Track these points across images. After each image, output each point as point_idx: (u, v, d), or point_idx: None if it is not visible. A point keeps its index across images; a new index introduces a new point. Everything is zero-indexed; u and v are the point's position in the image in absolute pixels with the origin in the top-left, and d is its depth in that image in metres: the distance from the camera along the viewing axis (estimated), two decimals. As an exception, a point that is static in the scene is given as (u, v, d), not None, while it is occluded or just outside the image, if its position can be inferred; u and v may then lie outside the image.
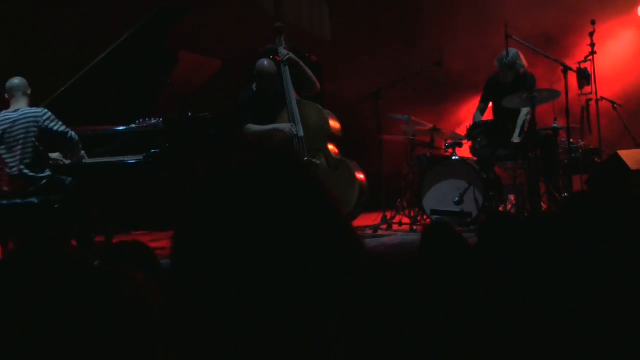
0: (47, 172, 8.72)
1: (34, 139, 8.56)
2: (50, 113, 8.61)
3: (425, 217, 10.18)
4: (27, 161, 8.58)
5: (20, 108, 8.68)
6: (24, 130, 8.57)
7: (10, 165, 8.60)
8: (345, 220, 1.61)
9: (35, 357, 2.03)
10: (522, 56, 10.34)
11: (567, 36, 12.03)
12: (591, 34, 10.72)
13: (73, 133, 8.72)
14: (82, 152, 8.90)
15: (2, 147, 8.61)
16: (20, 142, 8.57)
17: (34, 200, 8.57)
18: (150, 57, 9.64)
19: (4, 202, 8.60)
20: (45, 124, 8.56)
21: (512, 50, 10.29)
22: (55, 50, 11.83)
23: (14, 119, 8.61)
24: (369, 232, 10.10)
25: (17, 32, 12.37)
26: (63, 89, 9.46)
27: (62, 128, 8.64)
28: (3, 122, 8.61)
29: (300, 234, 1.52)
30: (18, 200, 8.59)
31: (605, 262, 2.40)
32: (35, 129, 8.55)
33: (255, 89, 10.14)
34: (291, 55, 10.18)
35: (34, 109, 8.68)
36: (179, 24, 9.93)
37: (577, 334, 2.12)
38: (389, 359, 1.96)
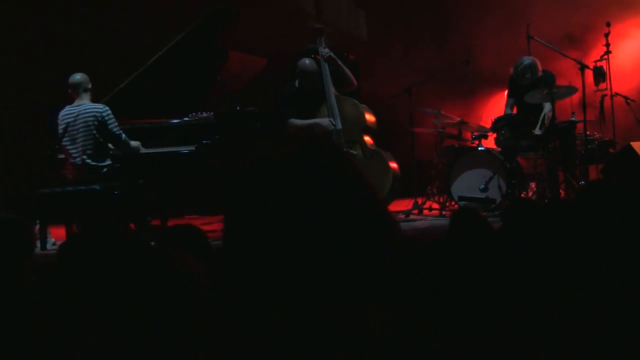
0: (108, 161, 8.77)
1: (94, 132, 8.62)
2: (109, 111, 8.68)
3: (453, 203, 10.15)
4: (89, 152, 8.64)
5: (83, 103, 8.74)
6: (85, 124, 8.64)
7: (74, 155, 8.67)
8: (382, 204, 1.61)
9: (95, 323, 2.06)
10: (538, 64, 10.28)
11: (585, 36, 11.95)
12: (607, 35, 10.69)
13: (124, 135, 8.80)
14: (136, 144, 8.96)
15: (66, 139, 8.68)
16: (82, 134, 8.63)
17: (96, 186, 8.63)
18: (203, 55, 9.67)
19: (70, 188, 8.69)
20: (105, 119, 8.63)
21: (529, 60, 10.26)
22: (124, 42, 11.85)
23: (76, 114, 8.68)
24: (402, 216, 10.08)
25: (91, 21, 12.40)
26: (123, 84, 9.48)
27: (117, 129, 8.73)
28: (66, 117, 8.69)
29: (342, 218, 1.52)
30: (82, 187, 8.66)
31: (619, 245, 2.39)
32: (96, 123, 8.62)
33: (297, 86, 10.13)
34: (330, 54, 10.17)
35: (95, 105, 8.73)
36: (229, 25, 9.94)
37: (590, 309, 2.11)
38: (421, 332, 1.97)
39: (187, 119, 9.44)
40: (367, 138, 10.24)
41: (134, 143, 8.95)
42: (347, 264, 1.52)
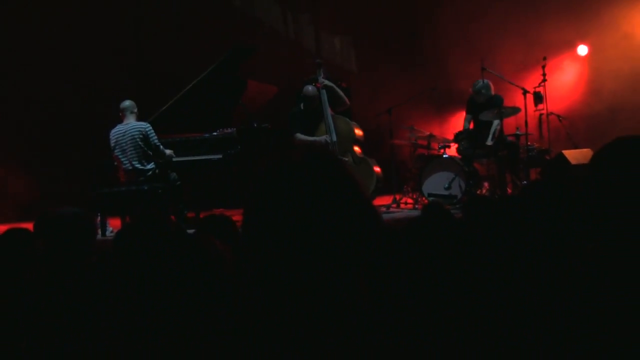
0: (152, 165, 8.83)
1: (140, 143, 8.75)
2: (151, 128, 8.83)
3: (424, 198, 10.13)
4: (136, 159, 8.75)
5: (130, 122, 8.88)
6: (132, 138, 8.77)
7: (124, 162, 8.80)
8: (368, 199, 1.62)
9: (143, 292, 2.06)
10: (491, 85, 10.34)
11: (527, 67, 11.94)
12: (543, 66, 10.71)
13: (161, 146, 8.91)
14: (170, 152, 9.05)
15: (117, 150, 8.80)
16: (130, 146, 8.76)
17: (145, 187, 8.70)
18: (227, 84, 9.68)
19: (124, 188, 8.78)
20: (148, 134, 8.76)
21: (483, 82, 10.31)
22: (162, 74, 11.85)
23: (124, 131, 8.81)
24: (383, 209, 10.07)
25: (134, 61, 12.41)
26: (164, 107, 9.55)
27: (156, 142, 8.86)
28: (117, 133, 8.83)
29: (338, 210, 1.53)
30: (133, 187, 8.74)
31: (552, 229, 2.40)
32: (141, 136, 8.75)
33: (302, 107, 10.13)
34: (327, 82, 10.18)
35: (140, 123, 8.86)
36: (248, 59, 9.96)
37: (530, 282, 2.11)
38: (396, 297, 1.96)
39: (215, 133, 9.47)
40: (356, 148, 10.24)
41: (168, 152, 9.04)
42: (342, 244, 1.52)
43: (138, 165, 8.75)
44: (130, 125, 8.82)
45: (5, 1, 11.86)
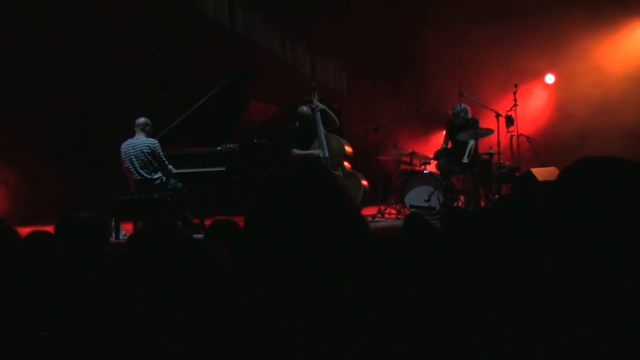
0: (159, 175, 8.85)
1: (148, 156, 8.80)
2: (158, 144, 8.92)
3: (406, 209, 10.15)
4: (144, 169, 8.77)
5: (140, 138, 8.93)
6: (141, 151, 8.82)
7: (133, 173, 8.84)
8: (356, 209, 1.63)
9: (151, 290, 2.06)
10: (468, 109, 10.41)
11: (500, 93, 11.99)
12: (514, 92, 10.75)
13: (167, 161, 8.98)
14: (171, 167, 9.08)
15: (127, 162, 8.84)
16: (138, 158, 8.78)
17: (155, 195, 8.71)
18: (230, 103, 9.69)
19: (135, 196, 8.76)
20: (155, 148, 8.84)
21: (461, 106, 10.38)
22: (174, 92, 11.87)
23: (134, 144, 8.88)
24: (370, 219, 10.08)
25: (148, 83, 12.42)
26: (174, 124, 9.56)
27: (162, 156, 8.93)
28: (127, 146, 8.90)
29: (331, 217, 1.54)
30: (144, 195, 8.74)
31: (520, 236, 2.42)
32: (149, 150, 8.83)
33: (297, 125, 10.15)
34: (320, 105, 10.21)
35: (148, 139, 8.93)
36: (250, 81, 9.99)
37: (504, 284, 2.12)
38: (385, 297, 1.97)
39: (219, 148, 9.46)
40: (346, 163, 10.25)
41: (170, 167, 9.07)
42: (333, 247, 1.52)
43: (146, 175, 8.79)
44: (140, 141, 8.87)
45: (40, 23, 11.87)
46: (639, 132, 11.84)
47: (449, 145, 10.60)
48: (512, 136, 10.82)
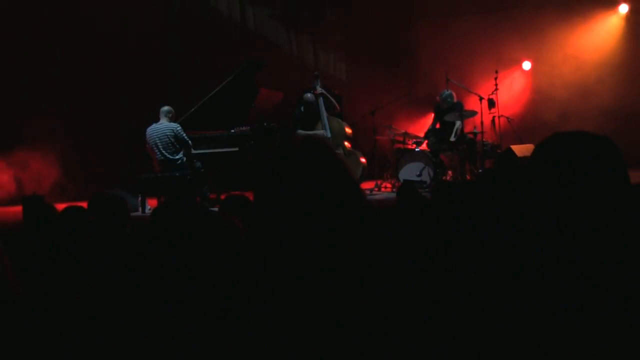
0: (180, 155, 8.86)
1: (171, 139, 8.81)
2: (180, 127, 8.91)
3: (399, 184, 10.16)
4: (167, 150, 8.77)
5: (163, 122, 8.94)
6: (165, 134, 8.84)
7: (157, 154, 8.85)
8: (356, 183, 1.62)
9: (173, 258, 2.06)
10: (454, 94, 10.42)
11: (482, 78, 11.95)
12: (495, 78, 10.71)
13: (190, 142, 8.96)
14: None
15: (152, 144, 8.81)
16: (162, 141, 8.80)
17: (176, 173, 8.71)
18: (243, 90, 9.68)
19: (160, 175, 8.77)
20: (177, 132, 8.82)
21: (448, 91, 10.39)
22: (192, 83, 11.88)
23: (158, 129, 8.91)
24: (368, 192, 10.10)
25: (172, 74, 12.40)
26: (193, 109, 9.57)
27: (186, 137, 8.91)
28: (151, 130, 8.93)
29: (334, 188, 1.53)
30: (167, 174, 8.74)
31: (502, 204, 2.42)
32: (171, 133, 8.84)
33: (302, 110, 10.16)
34: (323, 90, 10.21)
35: (171, 124, 8.94)
36: (260, 70, 9.98)
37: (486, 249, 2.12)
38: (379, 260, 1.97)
39: (232, 131, 9.47)
40: (346, 143, 10.27)
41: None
42: (335, 214, 1.52)
43: (169, 156, 8.80)
44: (164, 125, 8.86)
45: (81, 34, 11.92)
46: (614, 111, 11.78)
47: (437, 126, 10.61)
48: (493, 117, 10.80)
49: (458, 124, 10.16)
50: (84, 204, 4.07)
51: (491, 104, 10.48)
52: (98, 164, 11.65)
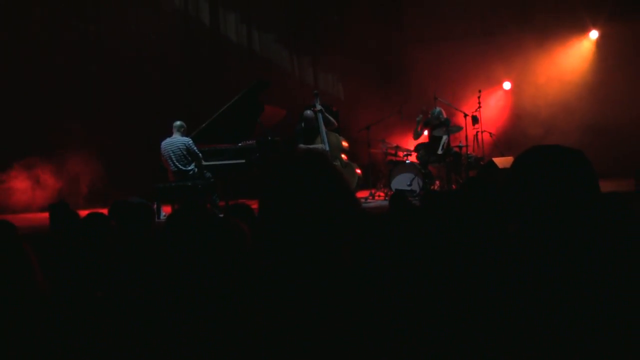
0: (192, 167, 8.87)
1: (184, 152, 8.82)
2: (192, 141, 8.91)
3: (392, 193, 10.16)
4: (180, 162, 8.77)
5: (176, 137, 8.95)
6: (178, 148, 8.84)
7: (171, 165, 8.85)
8: (352, 192, 1.62)
9: (185, 259, 2.06)
10: (443, 111, 10.46)
11: (467, 96, 11.96)
12: (479, 97, 10.73)
13: (200, 155, 8.96)
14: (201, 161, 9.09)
15: (166, 156, 8.84)
16: (176, 153, 8.78)
17: (188, 183, 8.71)
18: (249, 107, 9.70)
19: (173, 184, 8.77)
20: (189, 145, 8.84)
21: (437, 109, 10.43)
22: (203, 101, 11.88)
23: (172, 142, 8.93)
24: (363, 200, 10.10)
25: (185, 94, 12.41)
26: (203, 125, 9.59)
27: (197, 151, 8.91)
28: (166, 144, 8.96)
29: (332, 197, 1.53)
30: (180, 183, 8.74)
31: (483, 211, 2.42)
32: (184, 147, 8.84)
33: (303, 125, 10.19)
34: (322, 108, 10.24)
35: (184, 138, 8.95)
36: (265, 89, 10.00)
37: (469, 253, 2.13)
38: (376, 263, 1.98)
39: (240, 144, 9.47)
40: (343, 155, 10.29)
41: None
42: (333, 222, 1.52)
43: (182, 167, 8.81)
44: (176, 139, 8.88)
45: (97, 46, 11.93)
46: (594, 126, 11.79)
47: (427, 139, 10.66)
48: (477, 132, 10.83)
49: (445, 138, 10.19)
50: (105, 211, 4.08)
51: (475, 120, 10.50)
52: (120, 174, 11.62)
